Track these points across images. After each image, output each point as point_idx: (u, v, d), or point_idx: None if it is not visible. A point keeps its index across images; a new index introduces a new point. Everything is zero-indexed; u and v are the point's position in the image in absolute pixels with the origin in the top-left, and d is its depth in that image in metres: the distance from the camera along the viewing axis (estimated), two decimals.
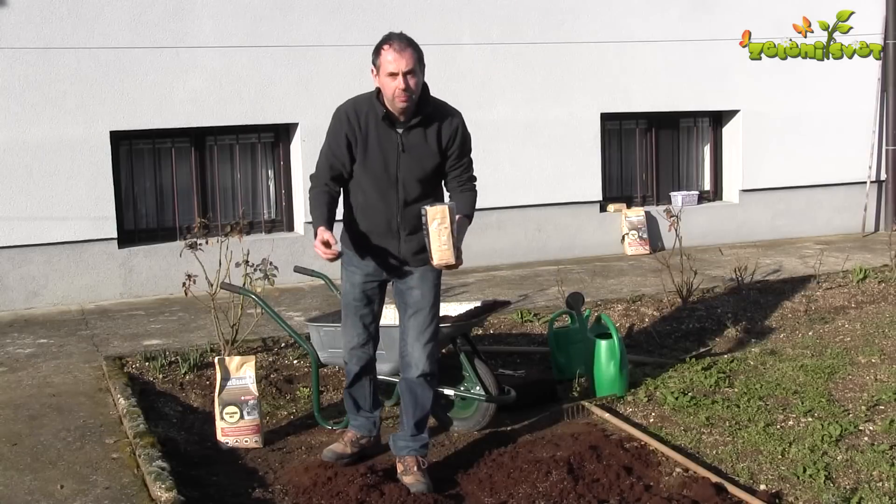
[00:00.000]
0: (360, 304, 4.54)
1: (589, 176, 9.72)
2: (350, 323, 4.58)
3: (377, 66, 4.23)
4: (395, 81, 4.15)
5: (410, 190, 4.31)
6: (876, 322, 7.06)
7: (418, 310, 4.42)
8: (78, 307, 7.86)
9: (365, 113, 4.30)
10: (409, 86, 4.16)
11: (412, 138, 4.30)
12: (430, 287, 4.43)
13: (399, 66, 4.14)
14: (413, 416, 4.47)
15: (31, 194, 7.81)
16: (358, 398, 4.74)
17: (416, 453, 4.46)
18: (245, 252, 6.08)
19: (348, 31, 8.63)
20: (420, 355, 4.42)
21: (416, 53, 4.19)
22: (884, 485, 4.36)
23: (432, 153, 4.34)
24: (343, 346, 4.70)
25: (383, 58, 4.18)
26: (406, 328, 4.46)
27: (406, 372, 4.47)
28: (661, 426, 5.14)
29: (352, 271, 4.51)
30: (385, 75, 4.18)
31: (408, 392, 4.48)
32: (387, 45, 4.20)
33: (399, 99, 4.18)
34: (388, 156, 4.28)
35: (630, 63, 9.71)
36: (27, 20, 7.68)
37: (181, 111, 8.22)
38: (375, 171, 4.30)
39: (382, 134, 4.28)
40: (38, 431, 5.03)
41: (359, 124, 4.29)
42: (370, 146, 4.28)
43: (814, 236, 10.66)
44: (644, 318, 7.14)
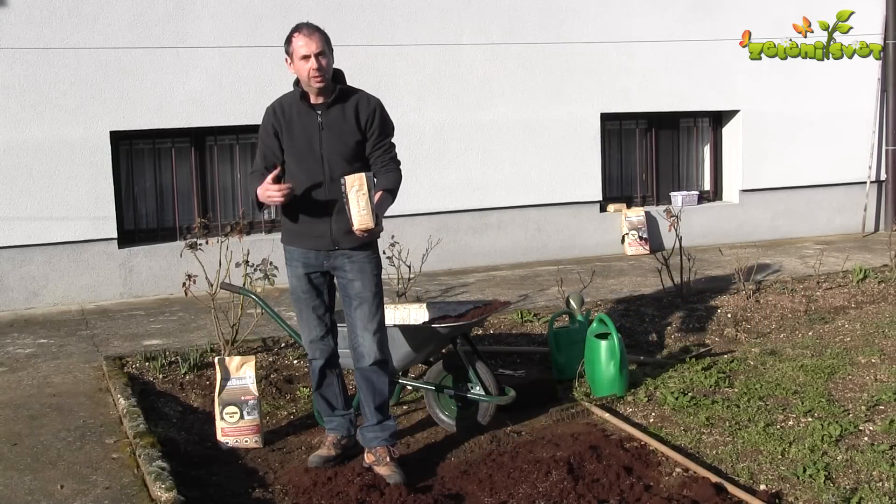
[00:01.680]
0: (310, 296, 4.64)
1: (589, 176, 9.72)
2: (305, 317, 4.68)
3: (290, 54, 4.51)
4: (308, 63, 4.43)
5: (335, 166, 4.49)
6: (876, 322, 7.06)
7: (362, 301, 4.55)
8: (78, 307, 7.86)
9: (288, 103, 4.60)
10: (321, 65, 4.43)
11: (331, 116, 4.54)
12: (370, 277, 4.56)
13: (310, 49, 4.42)
14: (373, 402, 4.57)
15: (31, 194, 7.81)
16: (329, 397, 4.80)
17: (386, 443, 4.56)
18: (245, 252, 6.09)
19: (348, 31, 8.63)
20: (371, 344, 4.53)
21: (323, 37, 4.49)
22: (884, 485, 4.36)
23: (352, 130, 4.54)
24: (303, 342, 4.78)
25: (295, 44, 4.47)
26: (353, 319, 4.57)
27: (360, 362, 4.57)
28: (661, 426, 5.14)
29: (294, 265, 4.64)
30: (298, 59, 4.46)
31: (364, 381, 4.58)
32: (297, 32, 4.49)
33: (314, 80, 4.44)
34: (311, 134, 4.52)
35: (630, 63, 9.71)
36: (27, 20, 7.68)
37: (181, 111, 8.23)
38: (300, 150, 4.52)
39: (304, 115, 4.54)
40: (38, 431, 5.04)
41: (283, 113, 4.57)
42: (294, 128, 4.53)
43: (814, 236, 10.66)
44: (644, 318, 7.14)
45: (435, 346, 5.14)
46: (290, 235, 4.64)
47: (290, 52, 4.50)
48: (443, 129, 9.05)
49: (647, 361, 6.22)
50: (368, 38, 8.73)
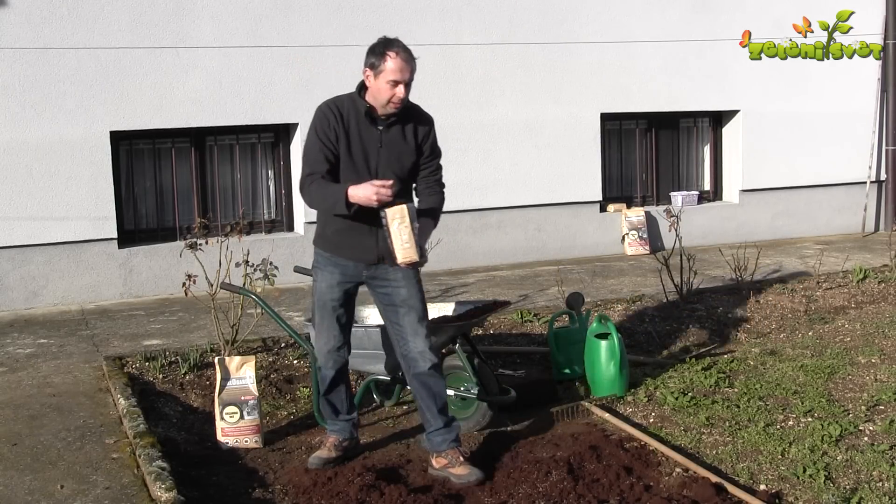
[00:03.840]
0: (338, 304, 4.57)
1: (589, 176, 9.72)
2: (326, 325, 4.59)
3: (376, 69, 4.34)
4: (395, 89, 4.30)
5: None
6: (876, 322, 7.06)
7: (410, 307, 4.48)
8: (78, 307, 7.86)
9: (347, 111, 4.42)
10: (406, 96, 4.33)
11: (391, 135, 4.42)
12: (415, 283, 4.50)
13: (403, 77, 4.30)
14: (435, 407, 4.52)
15: (31, 194, 7.81)
16: (336, 403, 4.76)
17: (456, 444, 4.52)
18: (245, 252, 6.08)
19: (349, 31, 8.63)
20: (424, 349, 4.48)
21: (415, 64, 4.36)
22: (884, 485, 4.36)
23: (410, 150, 4.47)
24: (317, 350, 4.69)
25: (387, 64, 4.30)
26: (402, 327, 4.49)
27: (415, 368, 4.50)
28: (661, 426, 5.14)
29: (330, 272, 4.54)
30: (385, 81, 4.30)
31: (422, 387, 4.51)
32: (393, 51, 4.32)
33: (393, 105, 4.33)
34: (369, 151, 4.39)
35: (630, 63, 9.71)
36: (27, 20, 7.68)
37: (181, 111, 8.23)
38: (357, 166, 4.38)
39: (364, 130, 4.40)
40: (38, 431, 5.03)
41: (342, 119, 4.40)
42: (352, 141, 4.39)
43: (814, 236, 10.66)
44: (644, 318, 7.14)
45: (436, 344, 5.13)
46: (331, 244, 4.51)
47: (377, 67, 4.32)
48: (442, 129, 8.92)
49: (647, 361, 6.22)
50: (368, 38, 8.63)
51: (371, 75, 4.37)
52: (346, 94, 4.50)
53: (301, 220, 8.83)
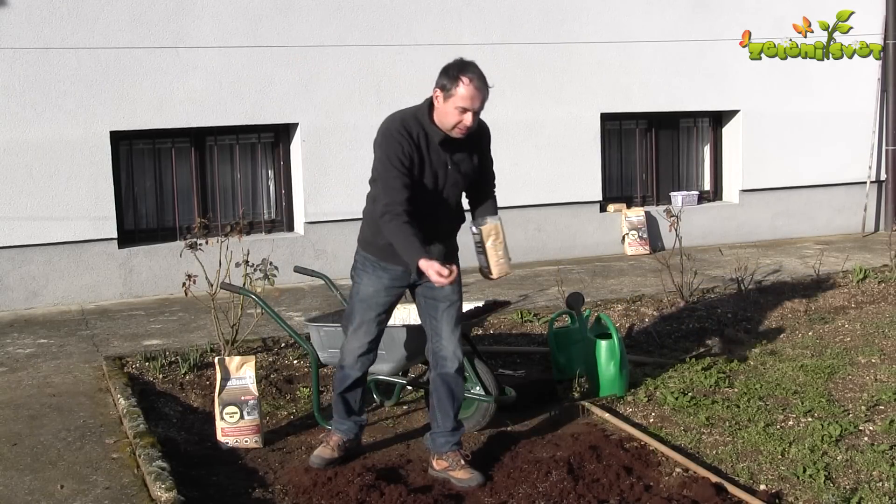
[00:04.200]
0: (383, 308, 4.55)
1: (589, 176, 9.72)
2: (365, 329, 4.55)
3: (447, 92, 4.24)
4: (463, 116, 4.24)
5: (452, 201, 4.44)
6: (876, 322, 7.06)
7: (451, 303, 4.49)
8: (78, 307, 7.86)
9: (416, 132, 4.30)
10: (473, 124, 4.26)
11: (459, 156, 4.40)
12: (458, 280, 4.47)
13: (473, 105, 4.23)
14: (453, 408, 4.52)
15: (31, 194, 7.81)
16: (351, 402, 4.73)
17: (458, 447, 4.52)
18: (245, 252, 6.08)
19: (348, 31, 8.63)
20: (456, 348, 4.49)
21: (488, 92, 4.28)
22: (884, 485, 4.36)
23: (474, 167, 4.48)
24: (347, 351, 4.64)
25: (459, 90, 4.21)
26: (440, 323, 4.49)
27: (442, 367, 4.49)
28: (661, 426, 5.14)
29: (378, 276, 4.50)
30: (454, 106, 4.23)
31: (444, 387, 4.50)
32: (466, 77, 4.22)
33: (459, 132, 4.28)
34: (439, 173, 4.36)
35: (630, 63, 9.71)
36: (27, 20, 7.68)
37: (181, 111, 8.23)
38: (427, 188, 4.33)
39: (433, 152, 4.33)
40: (38, 431, 5.03)
41: (415, 143, 4.29)
42: (425, 166, 4.32)
43: (814, 236, 10.66)
44: (644, 318, 7.14)
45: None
46: (384, 252, 4.44)
47: (448, 90, 4.22)
48: None
49: (647, 361, 6.21)
50: (368, 38, 8.73)
51: (441, 97, 4.27)
52: (410, 113, 4.37)
53: (301, 220, 8.83)
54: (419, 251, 4.15)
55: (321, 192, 8.73)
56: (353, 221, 8.69)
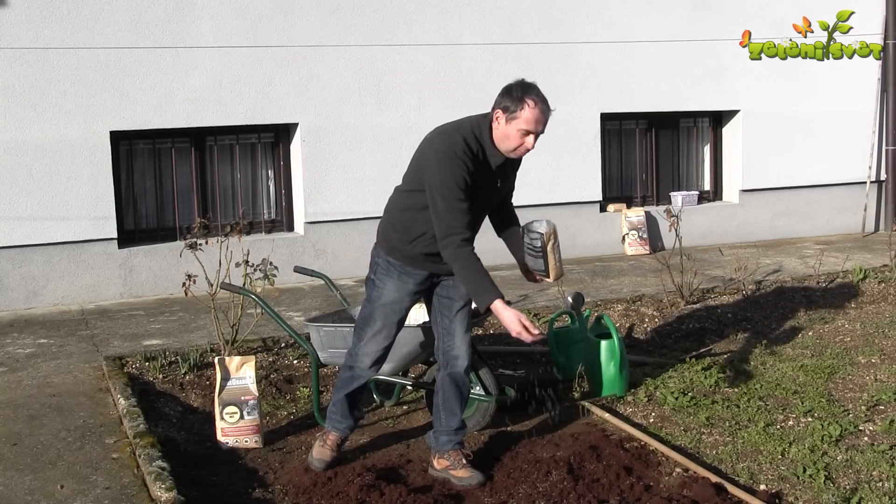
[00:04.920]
0: (405, 312, 4.56)
1: (589, 176, 9.72)
2: (385, 333, 4.54)
3: (511, 114, 4.19)
4: (526, 139, 4.22)
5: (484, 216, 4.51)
6: (876, 322, 7.07)
7: (466, 303, 4.52)
8: (78, 307, 7.86)
9: (476, 153, 4.25)
10: (533, 147, 4.25)
11: (503, 173, 4.41)
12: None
13: (537, 128, 4.21)
14: (459, 409, 4.53)
15: (31, 194, 7.81)
16: (358, 402, 4.72)
17: (460, 446, 4.53)
18: (245, 252, 6.08)
19: (348, 31, 8.63)
20: (467, 348, 4.51)
21: (549, 115, 4.25)
22: (884, 485, 4.36)
23: (510, 183, 4.53)
24: (363, 354, 4.59)
25: (524, 113, 4.17)
26: (453, 322, 4.50)
27: (452, 366, 4.50)
28: (661, 426, 5.14)
29: (404, 281, 4.48)
30: (517, 129, 4.19)
31: (453, 386, 4.51)
32: (532, 100, 4.18)
33: (519, 153, 4.28)
34: (490, 190, 4.38)
35: (630, 63, 9.71)
36: (27, 20, 7.68)
37: (181, 111, 8.22)
38: (476, 207, 4.30)
39: (485, 171, 4.31)
40: (38, 431, 5.04)
41: (476, 165, 4.24)
42: (481, 186, 4.30)
43: (814, 236, 10.66)
44: (644, 318, 7.14)
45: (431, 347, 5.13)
46: (412, 259, 4.44)
47: (511, 111, 4.17)
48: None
49: (647, 361, 6.22)
50: (368, 38, 8.73)
51: (502, 118, 4.22)
52: (468, 130, 4.27)
53: (301, 220, 8.83)
54: (494, 290, 4.14)
55: (321, 192, 8.73)
56: (353, 221, 8.81)
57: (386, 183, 8.79)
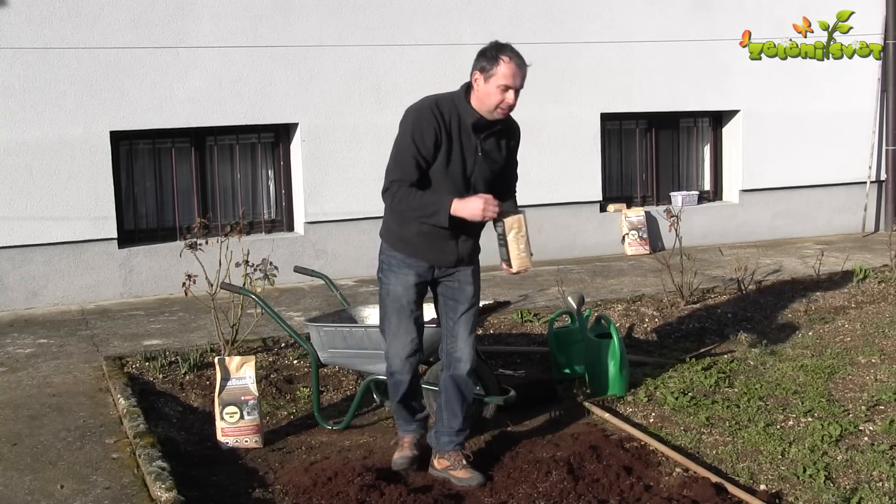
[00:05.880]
0: (415, 305, 4.50)
1: (589, 176, 9.72)
2: (405, 328, 4.49)
3: (487, 73, 4.22)
4: (505, 94, 4.22)
5: (479, 190, 4.38)
6: (876, 322, 7.06)
7: (471, 305, 4.51)
8: (78, 307, 7.86)
9: (448, 113, 4.28)
10: (514, 102, 4.25)
11: (489, 144, 4.38)
12: (479, 283, 4.54)
13: (515, 83, 4.23)
14: (461, 411, 4.52)
15: (31, 194, 7.81)
16: (414, 405, 4.68)
17: (460, 447, 4.53)
18: (245, 252, 6.08)
19: (348, 31, 8.63)
20: (470, 350, 4.50)
21: (526, 71, 4.29)
22: (884, 485, 4.36)
23: (501, 159, 4.46)
24: (392, 355, 4.54)
25: (500, 69, 4.20)
26: (457, 325, 4.49)
27: (455, 368, 4.50)
28: (661, 426, 5.14)
29: (405, 273, 4.45)
30: (496, 85, 4.21)
31: (454, 388, 4.51)
32: (506, 55, 4.23)
33: (501, 111, 4.27)
34: (468, 159, 4.33)
35: (630, 63, 9.71)
36: (27, 20, 7.68)
37: (181, 111, 8.22)
38: (455, 174, 4.31)
39: (465, 137, 4.30)
40: (38, 431, 5.04)
41: (445, 125, 4.26)
42: (453, 148, 4.29)
43: (814, 236, 10.66)
44: (644, 318, 7.14)
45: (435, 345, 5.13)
46: (408, 246, 4.41)
47: (487, 70, 4.20)
48: None
49: (647, 361, 6.21)
50: (368, 38, 8.73)
51: (481, 79, 4.24)
52: (446, 96, 4.34)
53: (301, 220, 8.83)
54: (444, 200, 4.19)
55: (321, 192, 8.73)
56: (352, 221, 8.81)
57: None
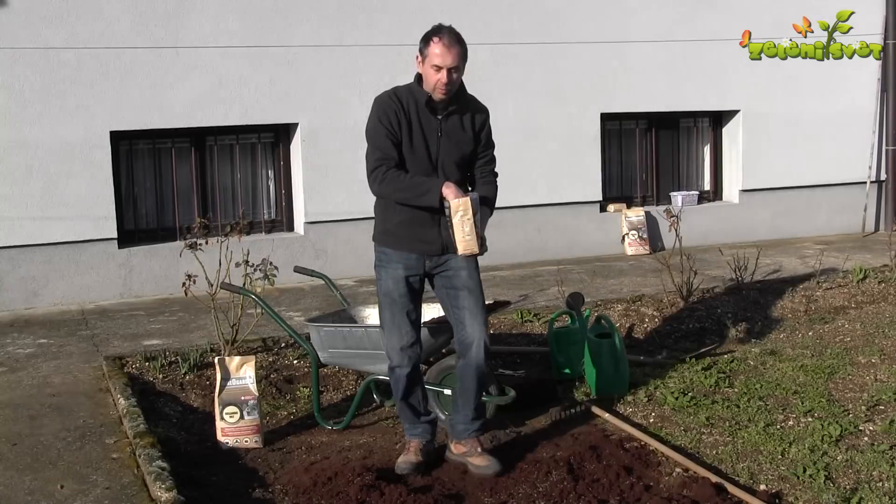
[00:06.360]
0: (407, 299, 4.54)
1: (589, 176, 9.72)
2: (397, 322, 4.54)
3: (423, 55, 4.41)
4: (439, 74, 4.35)
5: (450, 174, 4.46)
6: (876, 322, 7.06)
7: (469, 290, 4.53)
8: (78, 307, 7.86)
9: (407, 101, 4.45)
10: (450, 80, 4.37)
11: (451, 124, 4.49)
12: (475, 267, 4.56)
13: (445, 62, 4.35)
14: (475, 398, 4.58)
15: (31, 194, 7.81)
16: (415, 404, 4.68)
17: (477, 433, 4.57)
18: (245, 252, 6.08)
19: (349, 31, 8.63)
20: (480, 335, 4.51)
21: (461, 50, 4.41)
22: (884, 485, 4.36)
23: (468, 139, 4.54)
24: (389, 349, 4.59)
25: (431, 49, 4.37)
26: (461, 311, 4.53)
27: (467, 354, 4.52)
28: (661, 426, 5.14)
29: (394, 267, 4.53)
30: (430, 66, 4.37)
31: (469, 373, 4.54)
32: (437, 37, 4.40)
33: (439, 91, 4.39)
34: (430, 140, 4.45)
35: (630, 63, 9.71)
36: (27, 20, 7.68)
37: (181, 111, 8.22)
38: (418, 156, 4.43)
39: (424, 119, 4.45)
40: (38, 431, 5.04)
41: (403, 109, 4.43)
42: (414, 131, 4.43)
43: (814, 236, 10.65)
44: (644, 318, 7.14)
45: (435, 345, 5.14)
46: (391, 238, 4.52)
47: (424, 53, 4.40)
48: None
49: (647, 361, 6.21)
50: (368, 38, 8.73)
51: (420, 61, 4.44)
52: (403, 86, 4.53)
53: (301, 220, 8.83)
54: (432, 183, 4.32)
55: (321, 192, 8.73)
56: (352, 221, 8.81)
57: None
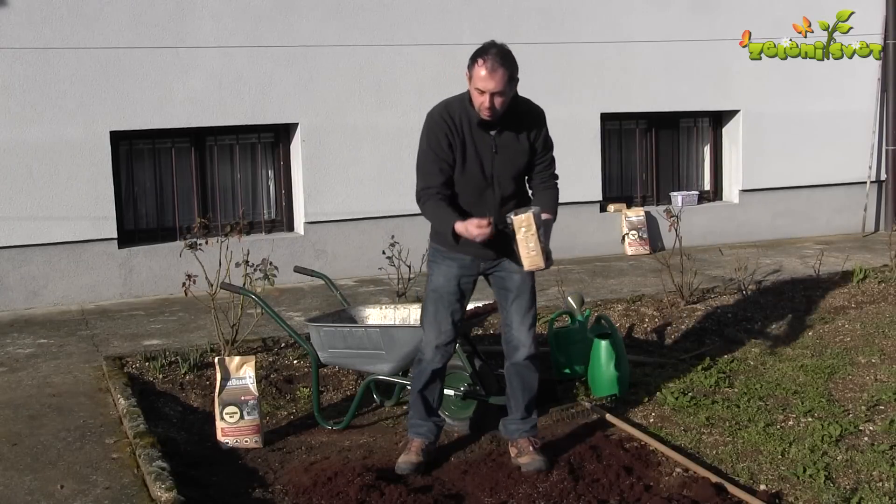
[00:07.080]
0: (455, 297, 4.56)
1: (589, 176, 9.72)
2: (440, 318, 4.55)
3: (469, 76, 4.31)
4: (482, 98, 4.27)
5: (505, 187, 4.45)
6: (876, 322, 7.06)
7: (520, 293, 4.55)
8: (78, 307, 7.86)
9: (458, 116, 4.38)
10: (493, 105, 4.28)
11: (505, 139, 4.43)
12: (529, 273, 4.52)
13: (487, 86, 4.25)
14: (523, 398, 4.62)
15: (31, 194, 7.81)
16: (430, 399, 4.69)
17: (528, 434, 4.61)
18: (245, 252, 6.08)
19: (348, 31, 8.63)
20: (526, 338, 4.54)
21: (506, 73, 4.25)
22: (884, 485, 4.36)
23: (524, 151, 4.48)
24: (425, 343, 4.62)
25: (475, 71, 4.26)
26: (510, 313, 4.56)
27: (514, 356, 4.57)
28: (661, 426, 5.14)
29: (448, 265, 4.54)
30: (474, 88, 4.29)
31: (516, 376, 4.59)
32: (482, 59, 4.25)
33: (483, 114, 4.32)
34: (484, 157, 4.40)
35: (630, 63, 9.71)
36: (27, 20, 7.68)
37: (181, 111, 8.23)
38: (473, 173, 4.39)
39: (477, 136, 4.39)
40: (38, 431, 5.04)
41: (456, 127, 4.37)
42: (467, 149, 4.38)
43: (814, 236, 10.66)
44: (644, 318, 7.14)
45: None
46: (450, 241, 4.44)
47: (470, 72, 4.30)
48: None
49: (647, 361, 6.21)
50: (368, 38, 8.73)
51: (468, 79, 4.34)
52: (456, 98, 4.45)
53: (301, 220, 8.83)
54: (451, 217, 4.27)
55: (321, 192, 8.73)
56: (352, 221, 8.81)
57: (386, 183, 8.90)
